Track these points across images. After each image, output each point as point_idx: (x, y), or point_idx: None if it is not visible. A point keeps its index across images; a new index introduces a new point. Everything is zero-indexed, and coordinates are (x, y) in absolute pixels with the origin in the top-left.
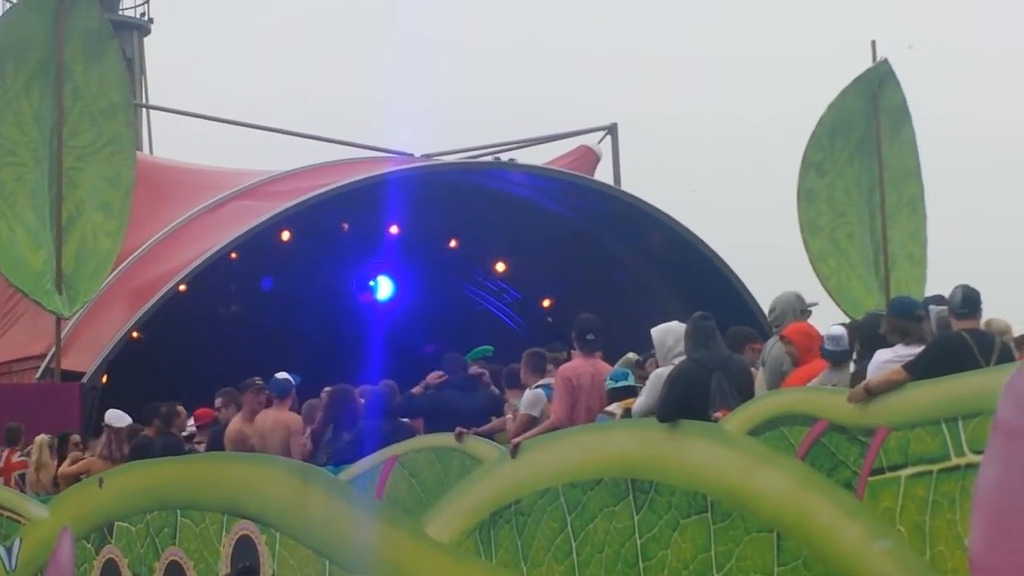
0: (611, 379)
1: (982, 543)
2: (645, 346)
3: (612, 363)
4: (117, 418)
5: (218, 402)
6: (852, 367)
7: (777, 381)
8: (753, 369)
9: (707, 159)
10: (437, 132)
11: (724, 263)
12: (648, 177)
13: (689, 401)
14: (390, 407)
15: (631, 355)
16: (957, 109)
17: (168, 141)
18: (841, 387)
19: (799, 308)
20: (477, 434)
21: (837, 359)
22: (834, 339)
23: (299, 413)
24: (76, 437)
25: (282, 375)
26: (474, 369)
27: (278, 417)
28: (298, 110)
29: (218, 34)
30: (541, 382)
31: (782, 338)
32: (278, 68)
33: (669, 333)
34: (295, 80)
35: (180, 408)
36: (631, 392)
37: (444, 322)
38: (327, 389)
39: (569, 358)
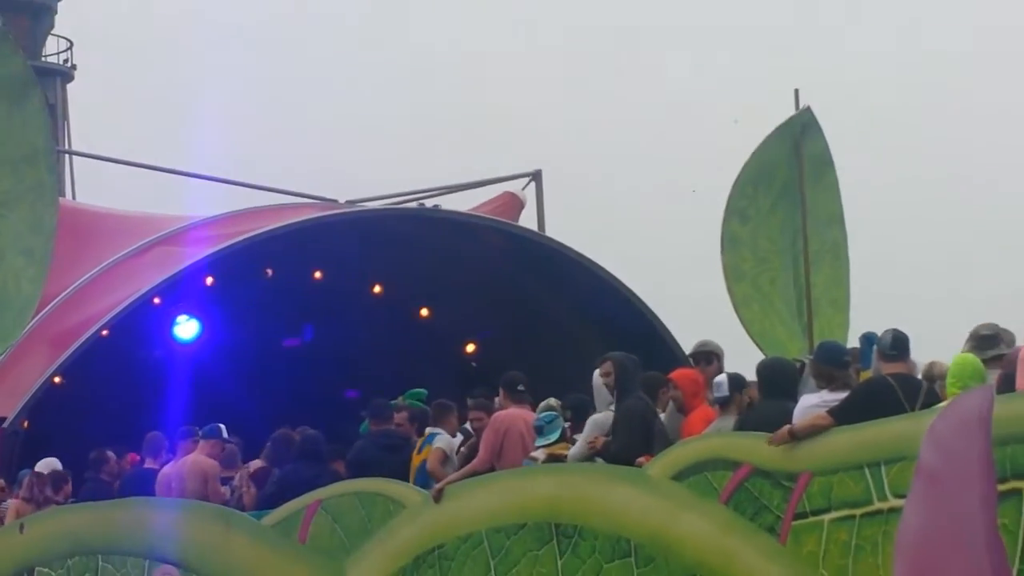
0: (541, 435)
1: None
2: (570, 388)
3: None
4: (46, 465)
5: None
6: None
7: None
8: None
9: (631, 206)
10: (361, 179)
11: (648, 308)
12: (572, 223)
13: (643, 440)
14: (320, 451)
15: (551, 401)
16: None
17: (91, 187)
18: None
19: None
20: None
21: (720, 404)
22: (716, 385)
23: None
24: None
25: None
26: (399, 417)
27: (196, 461)
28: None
29: (141, 80)
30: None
31: (668, 381)
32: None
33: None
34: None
35: (110, 453)
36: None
37: (368, 367)
38: (278, 432)
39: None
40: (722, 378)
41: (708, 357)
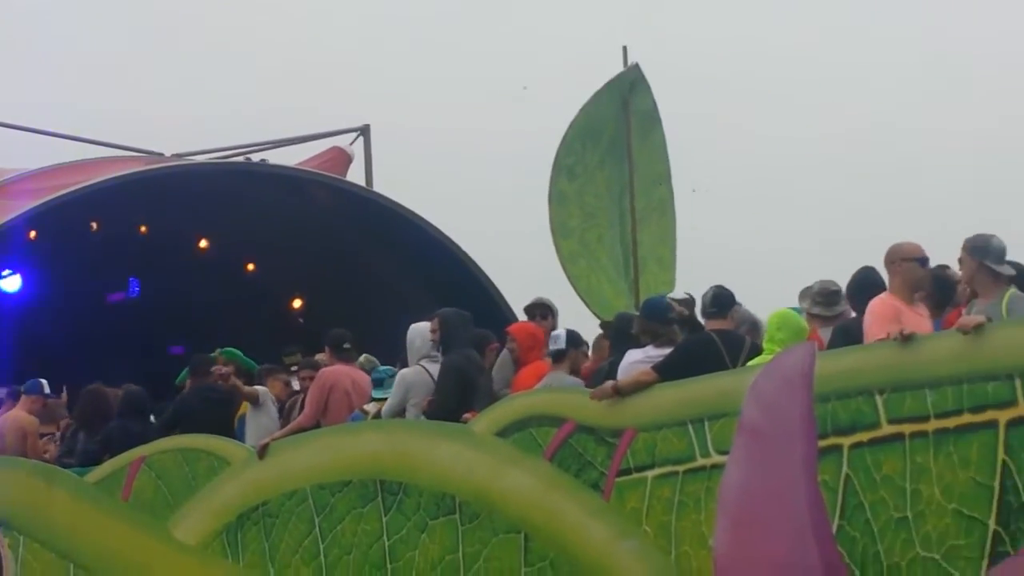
0: (376, 388)
1: (726, 543)
2: (398, 345)
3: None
4: None
5: None
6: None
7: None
8: None
9: (461, 163)
10: (187, 131)
11: (476, 265)
12: (401, 180)
13: (463, 395)
14: (143, 407)
15: (371, 356)
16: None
17: None
18: (566, 383)
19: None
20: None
21: (554, 358)
22: (553, 339)
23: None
24: None
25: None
26: (219, 369)
27: (16, 417)
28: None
29: None
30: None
31: (506, 334)
32: (26, 65)
33: (419, 334)
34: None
35: None
36: None
37: (194, 323)
38: (87, 388)
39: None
40: (560, 332)
41: (543, 311)
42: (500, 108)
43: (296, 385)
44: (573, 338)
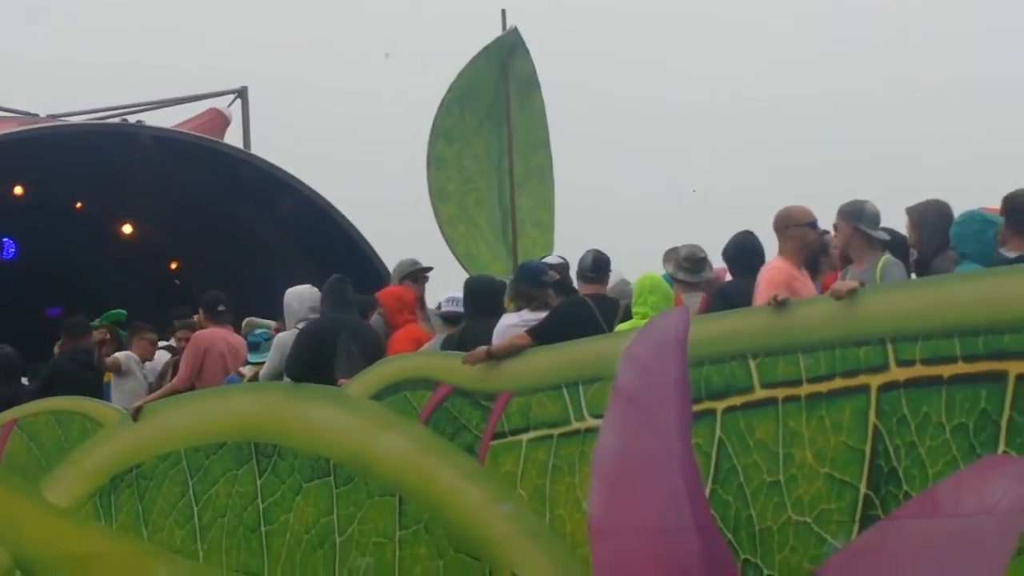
0: (252, 352)
1: (600, 506)
2: (278, 309)
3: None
4: None
5: None
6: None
7: None
8: None
9: (338, 126)
10: (62, 91)
11: (354, 228)
12: (279, 142)
13: (316, 359)
14: (14, 370)
15: (255, 319)
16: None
17: None
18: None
19: (405, 272)
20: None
21: (450, 320)
22: (451, 300)
23: None
24: None
25: None
26: (97, 335)
27: None
28: None
29: None
30: None
31: (376, 301)
32: None
33: (295, 297)
34: None
35: None
36: None
37: (70, 284)
38: None
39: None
40: (457, 295)
41: (415, 275)
42: (379, 71)
43: (173, 344)
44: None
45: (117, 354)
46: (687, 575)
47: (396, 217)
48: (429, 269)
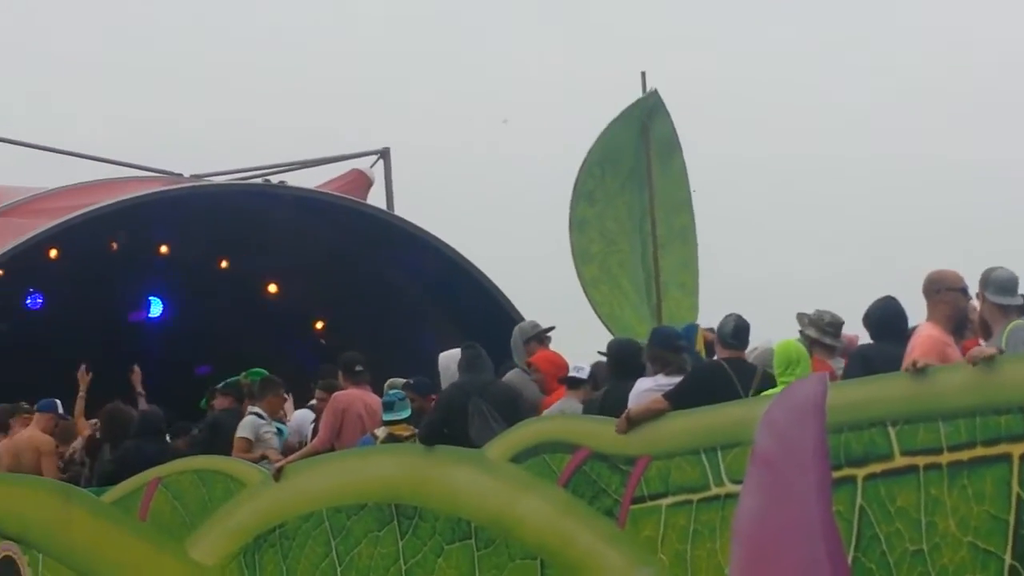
0: (387, 412)
1: (742, 573)
2: (419, 368)
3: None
4: None
5: None
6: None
7: None
8: None
9: (481, 188)
10: (203, 153)
11: (498, 289)
12: (421, 203)
13: (449, 424)
14: (160, 428)
15: (397, 380)
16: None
17: None
18: (577, 411)
19: (526, 338)
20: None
21: (571, 384)
22: (577, 368)
23: None
24: None
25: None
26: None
27: (31, 437)
28: (66, 129)
29: None
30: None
31: (529, 366)
32: (43, 86)
33: (449, 359)
34: (64, 98)
35: None
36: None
37: (217, 342)
38: (107, 406)
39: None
40: (585, 365)
41: (540, 337)
42: (520, 132)
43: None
44: (594, 376)
45: None
46: None
47: (538, 276)
48: (551, 329)
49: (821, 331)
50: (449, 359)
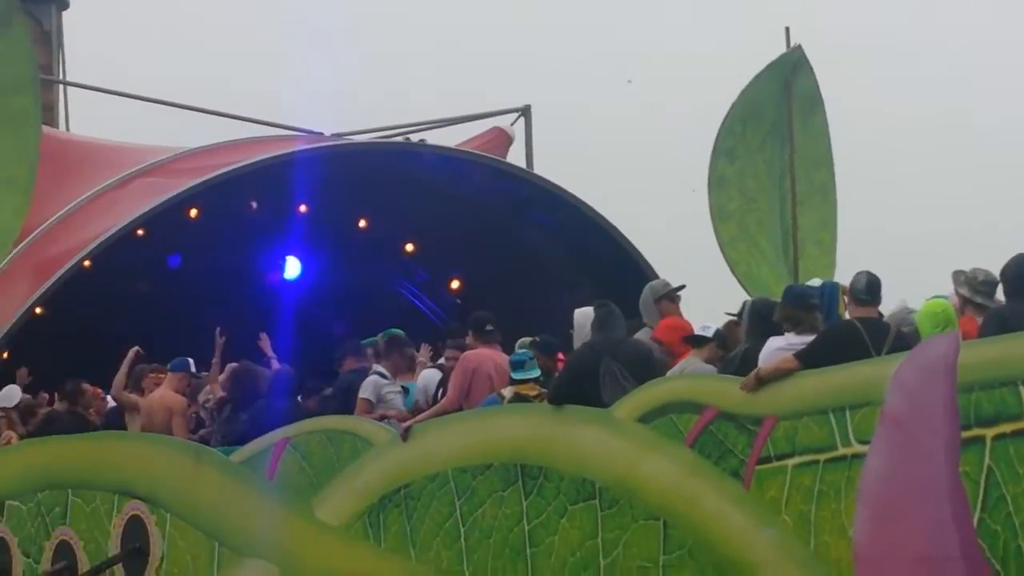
0: (515, 371)
1: (866, 534)
2: (555, 327)
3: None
4: (7, 398)
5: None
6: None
7: None
8: None
9: (622, 145)
10: (348, 112)
11: (634, 248)
12: (562, 160)
13: (579, 384)
14: (291, 388)
15: (525, 339)
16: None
17: (87, 117)
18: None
19: (656, 296)
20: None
21: (696, 343)
22: (704, 327)
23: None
24: None
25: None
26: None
27: (163, 397)
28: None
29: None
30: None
31: (654, 339)
32: (195, 47)
33: (583, 317)
34: (211, 59)
35: (86, 386)
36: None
37: (353, 303)
38: (230, 366)
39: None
40: (711, 326)
41: (671, 296)
42: (661, 90)
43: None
44: (720, 336)
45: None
46: None
47: (677, 235)
48: (682, 287)
49: (974, 290)
50: (583, 317)
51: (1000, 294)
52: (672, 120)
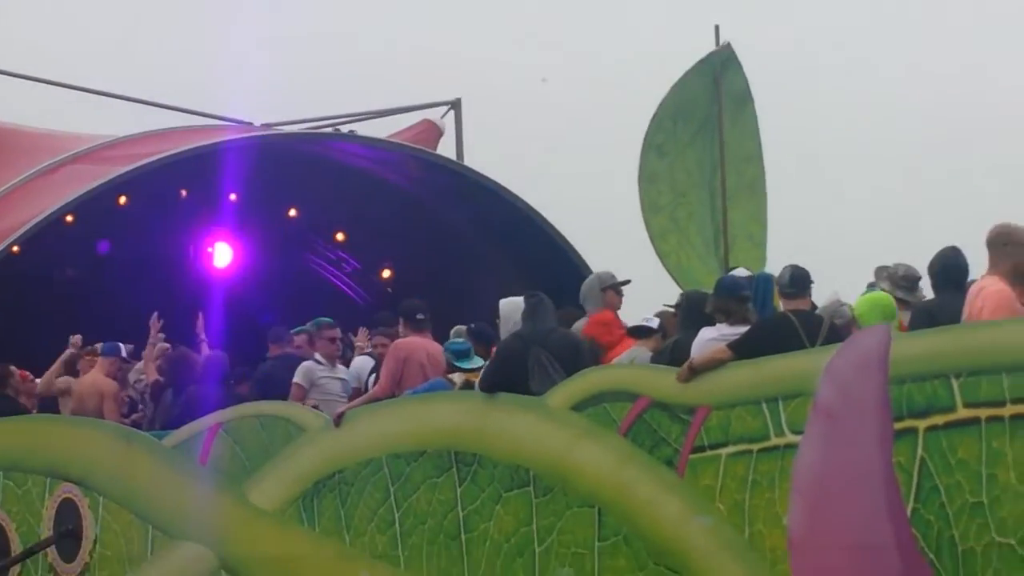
0: (459, 360)
1: (801, 523)
2: (484, 315)
3: (446, 337)
4: None
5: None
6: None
7: None
8: None
9: (551, 138)
10: (277, 102)
11: (564, 239)
12: (491, 154)
13: (508, 373)
14: (223, 373)
15: (462, 327)
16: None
17: (6, 103)
18: (643, 362)
19: (604, 286)
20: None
21: (640, 334)
22: (648, 319)
23: None
24: None
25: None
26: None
27: (95, 381)
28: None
29: None
30: None
31: (585, 335)
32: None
33: (510, 307)
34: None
35: (12, 368)
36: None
37: (283, 291)
38: (161, 346)
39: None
40: (656, 319)
41: (617, 288)
42: (591, 85)
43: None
44: (663, 329)
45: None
46: None
47: (606, 228)
48: (627, 282)
49: (895, 285)
50: (511, 307)
51: (924, 289)
52: (603, 115)
